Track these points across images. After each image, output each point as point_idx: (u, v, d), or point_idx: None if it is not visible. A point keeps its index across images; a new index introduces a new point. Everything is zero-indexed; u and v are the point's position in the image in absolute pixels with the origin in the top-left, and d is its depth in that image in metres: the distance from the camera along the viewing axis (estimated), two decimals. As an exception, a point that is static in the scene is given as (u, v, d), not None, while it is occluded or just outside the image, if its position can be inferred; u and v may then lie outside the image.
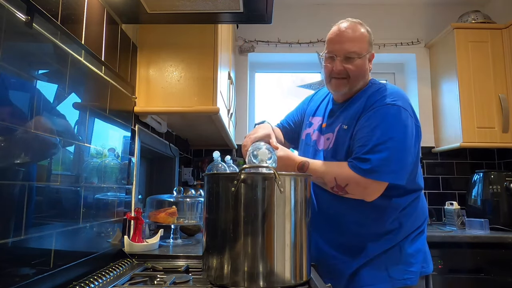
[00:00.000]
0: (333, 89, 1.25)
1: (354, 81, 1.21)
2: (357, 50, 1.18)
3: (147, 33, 1.52)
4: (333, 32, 1.22)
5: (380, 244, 1.16)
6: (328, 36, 1.24)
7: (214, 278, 0.90)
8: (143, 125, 1.57)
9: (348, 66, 1.18)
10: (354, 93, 1.25)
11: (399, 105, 1.13)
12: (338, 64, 1.19)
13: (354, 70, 1.18)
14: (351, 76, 1.19)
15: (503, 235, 1.98)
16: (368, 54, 1.22)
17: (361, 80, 1.22)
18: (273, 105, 3.00)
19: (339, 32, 1.19)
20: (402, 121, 1.11)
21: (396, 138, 1.09)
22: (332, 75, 1.22)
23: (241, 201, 0.87)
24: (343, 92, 1.24)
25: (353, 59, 1.18)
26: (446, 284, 1.93)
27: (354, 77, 1.20)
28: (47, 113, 0.85)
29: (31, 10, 0.77)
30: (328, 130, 1.26)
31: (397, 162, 1.08)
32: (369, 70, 1.25)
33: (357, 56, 1.18)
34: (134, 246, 1.31)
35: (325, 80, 1.27)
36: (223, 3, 1.16)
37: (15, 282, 0.73)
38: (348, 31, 1.18)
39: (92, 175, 1.08)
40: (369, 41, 1.22)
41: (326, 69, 1.23)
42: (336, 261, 1.18)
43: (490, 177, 2.26)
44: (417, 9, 2.86)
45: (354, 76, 1.19)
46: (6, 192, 0.71)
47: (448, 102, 2.55)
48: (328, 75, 1.23)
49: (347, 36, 1.18)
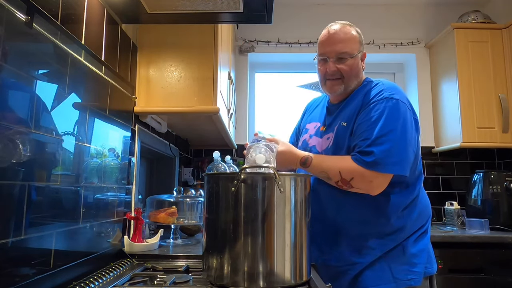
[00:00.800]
0: (328, 90, 1.27)
1: (348, 81, 1.23)
2: (348, 50, 1.20)
3: (147, 33, 1.52)
4: (324, 35, 1.25)
5: (384, 244, 1.15)
6: (319, 40, 1.27)
7: (214, 278, 0.90)
8: (143, 125, 1.57)
9: (341, 66, 1.21)
10: (349, 92, 1.26)
11: (397, 98, 1.14)
12: (331, 65, 1.21)
13: (347, 70, 1.21)
14: (345, 76, 1.22)
15: (503, 235, 1.98)
16: (360, 53, 1.24)
17: (355, 79, 1.24)
18: (273, 105, 3.00)
19: (329, 35, 1.23)
20: (401, 114, 1.12)
21: (396, 130, 1.10)
22: (326, 77, 1.24)
23: (241, 201, 0.87)
24: (339, 93, 1.25)
25: (346, 59, 1.21)
26: (446, 284, 1.93)
27: (348, 77, 1.22)
28: (47, 113, 0.85)
29: (31, 10, 0.77)
30: (328, 131, 1.26)
31: (399, 153, 1.09)
32: (362, 69, 1.27)
33: (349, 56, 1.21)
34: (134, 246, 1.31)
35: (320, 82, 1.29)
36: (223, 3, 1.16)
37: (15, 282, 0.73)
38: (338, 33, 1.22)
39: (92, 175, 1.08)
40: (359, 41, 1.24)
41: (320, 71, 1.26)
42: (339, 263, 1.17)
43: (490, 177, 2.26)
44: (417, 9, 2.86)
45: (348, 76, 1.22)
46: (6, 192, 0.71)
47: (448, 102, 2.55)
48: (322, 77, 1.26)
49: (338, 37, 1.21)
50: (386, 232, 1.16)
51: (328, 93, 1.30)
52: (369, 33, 2.83)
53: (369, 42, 2.80)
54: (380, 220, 1.15)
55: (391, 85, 1.22)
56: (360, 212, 1.16)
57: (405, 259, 1.15)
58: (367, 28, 3.00)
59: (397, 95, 1.15)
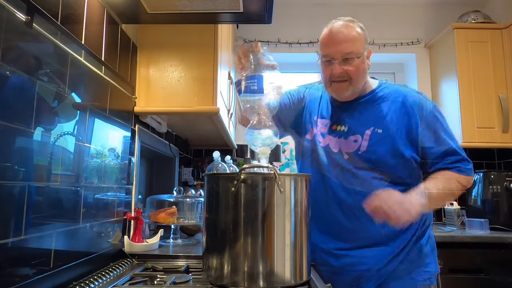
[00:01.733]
0: (335, 93, 1.21)
1: (356, 83, 1.17)
2: (354, 50, 1.14)
3: (147, 33, 1.52)
4: (326, 35, 1.17)
5: (402, 241, 1.15)
6: (321, 39, 1.19)
7: (214, 278, 0.90)
8: (143, 125, 1.57)
9: (347, 68, 1.14)
10: (360, 93, 1.22)
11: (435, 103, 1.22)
12: (337, 67, 1.14)
13: (354, 71, 1.15)
14: (352, 78, 1.15)
15: (503, 235, 1.98)
16: (365, 52, 1.18)
17: (362, 80, 1.18)
18: (273, 105, 3.00)
19: (333, 34, 1.15)
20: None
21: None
22: (332, 79, 1.17)
23: (241, 201, 0.87)
24: (347, 95, 1.20)
25: (352, 60, 1.14)
26: (446, 284, 1.93)
27: (355, 78, 1.16)
28: (47, 113, 0.85)
29: (31, 10, 0.77)
30: (351, 132, 1.19)
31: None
32: (368, 68, 1.20)
33: (356, 56, 1.14)
34: (134, 246, 1.31)
35: (324, 84, 1.23)
36: (223, 3, 1.16)
37: (15, 282, 0.73)
38: (342, 31, 1.14)
39: (92, 175, 1.08)
40: (364, 38, 1.18)
41: (325, 73, 1.19)
42: (364, 273, 1.15)
43: (490, 177, 2.26)
44: (417, 9, 2.86)
45: (356, 77, 1.16)
46: (6, 192, 0.71)
47: (448, 102, 2.55)
48: (328, 79, 1.19)
49: (342, 36, 1.14)
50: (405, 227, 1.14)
51: (334, 95, 1.24)
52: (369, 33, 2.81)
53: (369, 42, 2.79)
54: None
55: (412, 88, 1.27)
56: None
57: (421, 261, 1.16)
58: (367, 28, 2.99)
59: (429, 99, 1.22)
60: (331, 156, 1.21)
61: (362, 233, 1.15)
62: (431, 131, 1.15)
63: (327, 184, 1.19)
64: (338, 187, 1.18)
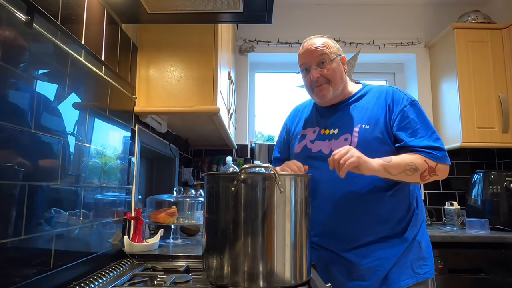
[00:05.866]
0: (318, 97, 1.29)
1: (335, 83, 1.26)
2: (327, 52, 1.25)
3: (147, 33, 1.52)
4: (301, 49, 1.31)
5: (403, 240, 1.18)
6: (298, 54, 1.32)
7: (214, 278, 0.90)
8: (143, 125, 1.57)
9: (323, 71, 1.25)
10: (342, 94, 1.29)
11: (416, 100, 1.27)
12: (314, 72, 1.25)
13: (331, 73, 1.25)
14: (331, 80, 1.25)
15: (503, 235, 1.98)
16: (338, 57, 1.28)
17: (340, 81, 1.27)
18: (273, 105, 3.00)
19: (305, 47, 1.29)
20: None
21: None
22: (312, 85, 1.27)
23: (241, 201, 0.87)
24: (329, 97, 1.27)
25: (326, 63, 1.25)
26: (446, 284, 1.93)
27: (333, 79, 1.25)
28: (47, 113, 0.85)
29: (31, 10, 0.77)
30: (341, 132, 1.25)
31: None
32: (345, 72, 1.30)
33: (329, 59, 1.25)
34: (134, 246, 1.31)
35: (308, 93, 1.33)
36: (223, 3, 1.16)
37: (15, 282, 0.73)
38: (313, 42, 1.28)
39: (92, 175, 1.08)
40: (335, 46, 1.30)
41: (306, 81, 1.30)
42: (365, 272, 1.17)
43: (490, 177, 2.26)
44: (417, 9, 2.86)
45: (333, 78, 1.25)
46: (6, 192, 0.71)
47: (448, 102, 2.55)
48: (309, 86, 1.29)
49: (313, 46, 1.27)
50: (404, 226, 1.20)
51: (318, 100, 1.31)
52: (369, 33, 2.84)
53: (369, 42, 2.80)
54: (396, 211, 1.20)
55: (396, 87, 1.32)
56: (378, 208, 1.19)
57: (420, 254, 1.21)
58: (367, 28, 3.02)
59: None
60: (324, 160, 1.22)
61: (362, 233, 1.19)
62: (408, 122, 1.20)
63: (323, 190, 1.21)
64: (334, 192, 1.20)
